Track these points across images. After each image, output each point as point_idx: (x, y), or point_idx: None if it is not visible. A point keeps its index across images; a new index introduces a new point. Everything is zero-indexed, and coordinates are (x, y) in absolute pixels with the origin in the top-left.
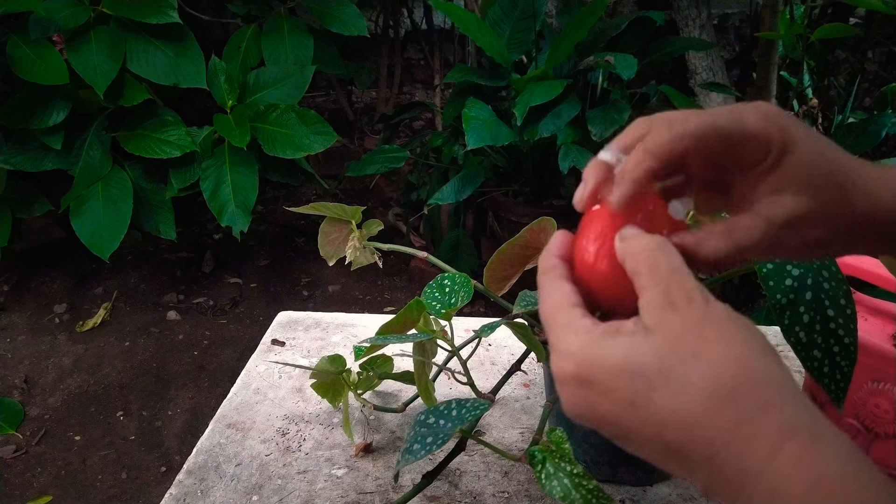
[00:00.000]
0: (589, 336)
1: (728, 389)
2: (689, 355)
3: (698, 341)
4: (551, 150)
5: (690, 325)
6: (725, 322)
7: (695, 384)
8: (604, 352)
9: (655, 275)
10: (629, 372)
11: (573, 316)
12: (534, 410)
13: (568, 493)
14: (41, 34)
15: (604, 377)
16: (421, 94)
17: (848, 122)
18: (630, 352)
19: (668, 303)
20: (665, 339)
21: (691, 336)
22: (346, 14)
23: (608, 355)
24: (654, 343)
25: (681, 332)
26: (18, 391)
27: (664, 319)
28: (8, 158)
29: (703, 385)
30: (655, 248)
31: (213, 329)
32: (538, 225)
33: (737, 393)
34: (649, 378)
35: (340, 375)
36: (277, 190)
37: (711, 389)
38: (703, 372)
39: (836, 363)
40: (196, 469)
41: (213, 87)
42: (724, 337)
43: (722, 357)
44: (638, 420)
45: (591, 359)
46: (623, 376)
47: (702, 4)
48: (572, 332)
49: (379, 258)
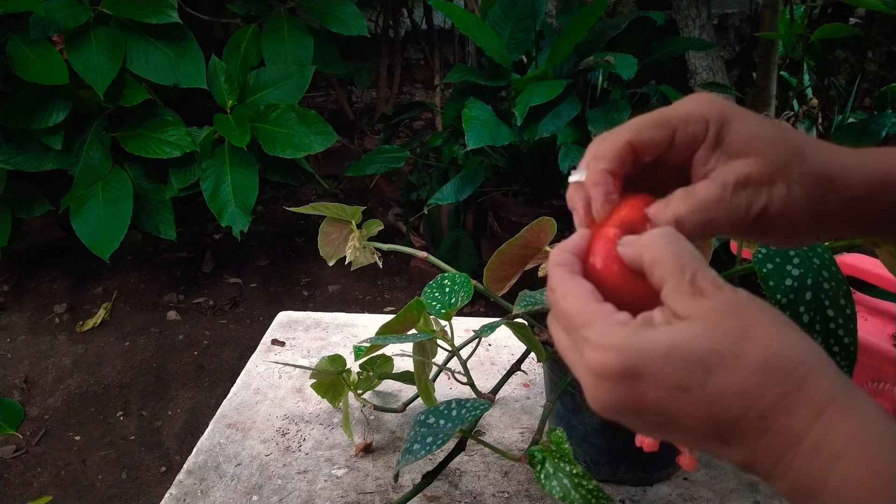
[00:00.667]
0: (627, 328)
1: (779, 361)
2: (738, 336)
3: (741, 323)
4: (551, 150)
5: (727, 310)
6: (756, 304)
7: (749, 362)
8: (649, 342)
9: (679, 263)
10: (680, 358)
11: (605, 310)
12: (534, 410)
13: (568, 493)
14: (41, 34)
15: (653, 366)
16: (421, 94)
17: (848, 122)
18: (677, 338)
19: (696, 290)
20: (707, 323)
21: (732, 319)
22: (346, 14)
23: (655, 345)
24: (698, 328)
25: (720, 316)
26: (18, 391)
27: (697, 306)
28: (8, 158)
29: (757, 362)
30: (671, 237)
31: (213, 329)
32: (538, 225)
33: (786, 366)
34: (703, 360)
35: (340, 375)
36: (277, 190)
37: (764, 365)
38: (754, 350)
39: (836, 363)
40: (196, 469)
41: (213, 87)
42: (761, 316)
43: (767, 333)
44: (688, 403)
45: (637, 349)
46: (674, 363)
47: (702, 4)
48: (609, 326)
49: (379, 258)
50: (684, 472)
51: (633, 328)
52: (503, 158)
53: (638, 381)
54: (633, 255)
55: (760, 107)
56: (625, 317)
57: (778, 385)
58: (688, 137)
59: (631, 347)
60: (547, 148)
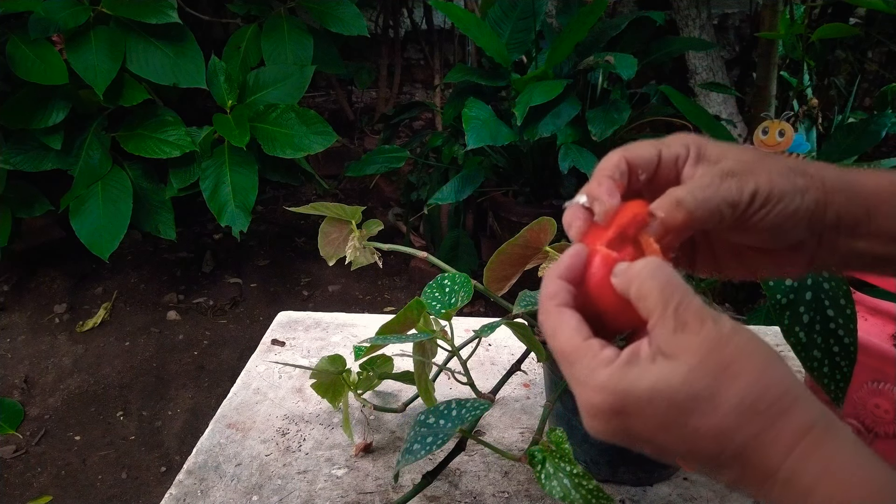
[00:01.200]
0: (613, 368)
1: (752, 403)
2: (714, 377)
3: (719, 362)
4: (551, 150)
5: (708, 347)
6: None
7: (723, 403)
8: (633, 383)
9: (661, 298)
10: (660, 400)
11: (592, 349)
12: (534, 410)
13: (568, 493)
14: (41, 34)
15: (636, 406)
16: (421, 94)
17: (848, 122)
18: (658, 381)
19: (679, 325)
20: (688, 363)
21: (712, 357)
22: (346, 14)
23: (637, 386)
24: (679, 369)
25: (702, 354)
26: (18, 391)
27: (681, 343)
28: (8, 158)
29: (731, 403)
30: (656, 269)
31: (213, 329)
32: (538, 225)
33: (760, 405)
34: (681, 404)
35: (340, 375)
36: (277, 190)
37: (739, 406)
38: (729, 391)
39: (835, 363)
40: (196, 469)
41: (213, 87)
42: (740, 353)
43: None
44: (671, 439)
45: (622, 390)
46: (655, 404)
47: (702, 4)
48: (596, 365)
49: (379, 258)
50: (684, 472)
51: (617, 368)
52: (503, 158)
53: (625, 417)
54: (622, 287)
55: (760, 107)
56: (611, 353)
57: (750, 425)
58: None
59: (616, 389)
60: (547, 148)
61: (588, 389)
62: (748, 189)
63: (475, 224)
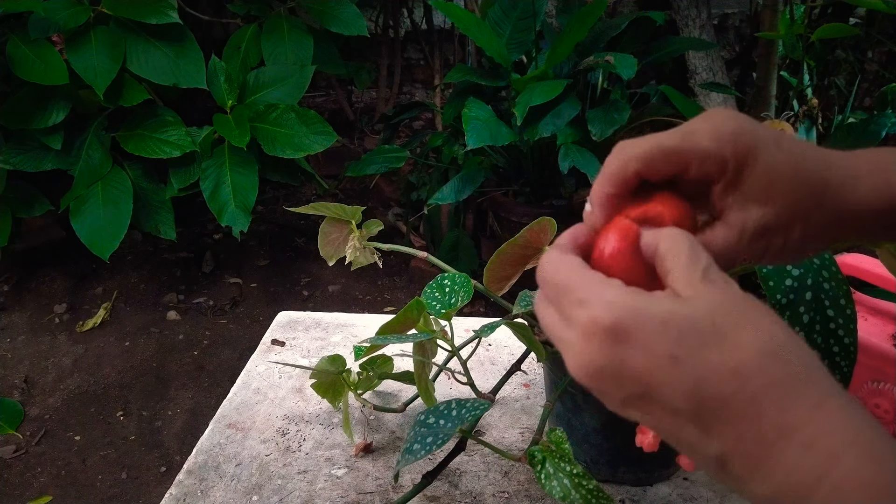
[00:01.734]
0: (625, 289)
1: (781, 348)
2: (741, 320)
3: (745, 312)
4: (551, 150)
5: (735, 299)
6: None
7: (750, 342)
8: (647, 305)
9: (695, 256)
10: (676, 326)
11: (598, 276)
12: (534, 410)
13: (568, 493)
14: (41, 34)
15: (647, 328)
16: (421, 94)
17: (848, 122)
18: (679, 308)
19: (707, 279)
20: (712, 305)
21: (738, 307)
22: (346, 14)
23: (653, 308)
24: (703, 305)
25: (727, 302)
26: (18, 391)
27: (706, 291)
28: (8, 158)
29: (758, 343)
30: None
31: (213, 329)
32: (538, 225)
33: (788, 353)
34: (702, 333)
35: (340, 375)
36: (277, 190)
37: (764, 350)
38: (756, 335)
39: (836, 363)
40: (196, 469)
41: (213, 87)
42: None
43: (771, 326)
44: (675, 374)
45: (634, 309)
46: (670, 329)
47: (702, 4)
48: (605, 285)
49: (379, 258)
50: (684, 472)
51: (631, 290)
52: (503, 158)
53: (626, 342)
54: (649, 241)
55: (760, 107)
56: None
57: (775, 370)
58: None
59: (627, 305)
60: (547, 148)
61: (594, 306)
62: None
63: (475, 224)
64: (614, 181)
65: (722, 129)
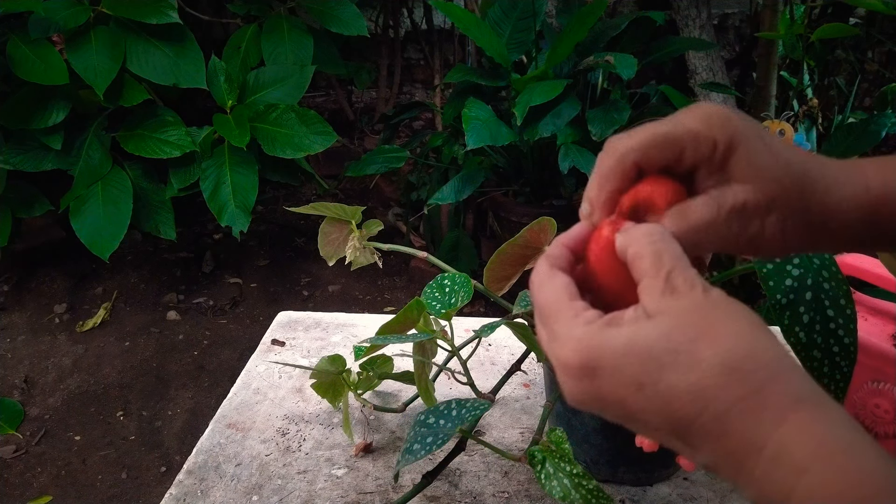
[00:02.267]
0: (592, 326)
1: (738, 363)
2: (698, 335)
3: (704, 322)
4: (551, 150)
5: (695, 309)
6: (727, 305)
7: (706, 360)
8: (608, 339)
9: (657, 260)
10: (636, 354)
11: (575, 308)
12: (534, 410)
13: (568, 493)
14: (41, 34)
15: (609, 362)
16: (421, 94)
17: (848, 122)
18: (635, 335)
19: (669, 289)
20: (671, 321)
21: (697, 318)
22: (346, 14)
23: (613, 342)
24: (660, 326)
25: (686, 315)
26: (18, 391)
27: (667, 304)
28: (8, 158)
29: (714, 361)
30: (657, 235)
31: (213, 329)
32: (538, 225)
33: (746, 367)
34: (658, 357)
35: (340, 375)
36: (277, 190)
37: (722, 364)
38: (713, 349)
39: (835, 363)
40: (196, 469)
41: (213, 87)
42: (728, 317)
43: (730, 334)
44: (644, 400)
45: (596, 345)
46: (630, 359)
47: (702, 4)
48: (575, 322)
49: (379, 258)
50: (684, 472)
51: (597, 326)
52: (503, 158)
53: (597, 377)
54: (621, 247)
55: (760, 107)
56: (593, 315)
57: (734, 387)
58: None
59: (590, 344)
60: (547, 148)
61: (563, 346)
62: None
63: (475, 224)
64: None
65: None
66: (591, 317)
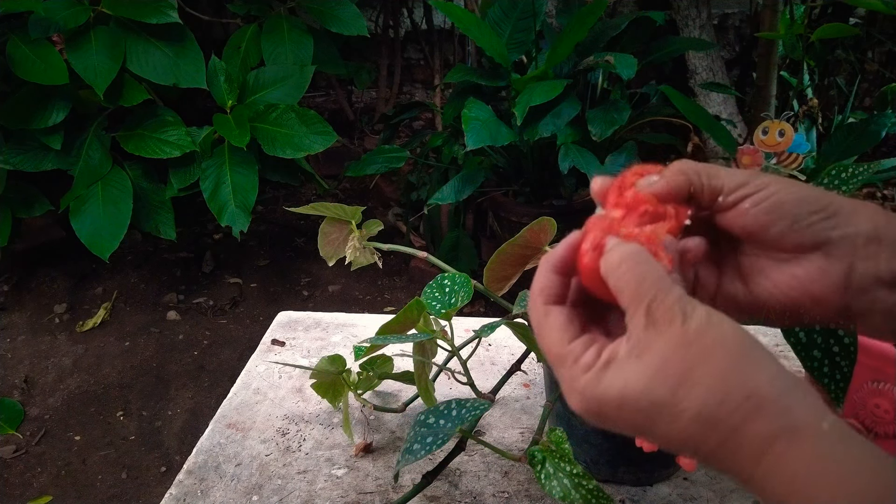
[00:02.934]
0: (590, 375)
1: (712, 411)
2: (677, 383)
3: (682, 365)
4: (551, 150)
5: (673, 348)
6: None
7: (684, 413)
8: (605, 390)
9: (636, 292)
10: (627, 407)
11: (573, 354)
12: (534, 410)
13: (568, 492)
14: (41, 34)
15: (611, 412)
16: (421, 94)
17: (848, 122)
18: (624, 386)
19: (650, 323)
20: (651, 366)
21: (674, 360)
22: (346, 14)
23: (608, 393)
24: (643, 374)
25: (665, 356)
26: (18, 391)
27: (649, 342)
28: (8, 158)
29: (691, 413)
30: (633, 261)
31: (213, 329)
32: (538, 225)
33: (720, 413)
34: (645, 411)
35: (340, 375)
36: (277, 190)
37: (699, 415)
38: (689, 400)
39: (836, 363)
40: (196, 469)
41: (213, 87)
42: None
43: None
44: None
45: (596, 397)
46: (624, 412)
47: (702, 4)
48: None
49: (379, 258)
50: (684, 472)
51: (594, 374)
52: (503, 158)
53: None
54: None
55: (760, 107)
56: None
57: (712, 435)
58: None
59: (592, 396)
60: (547, 148)
61: (570, 393)
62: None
63: (475, 224)
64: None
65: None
66: (589, 360)
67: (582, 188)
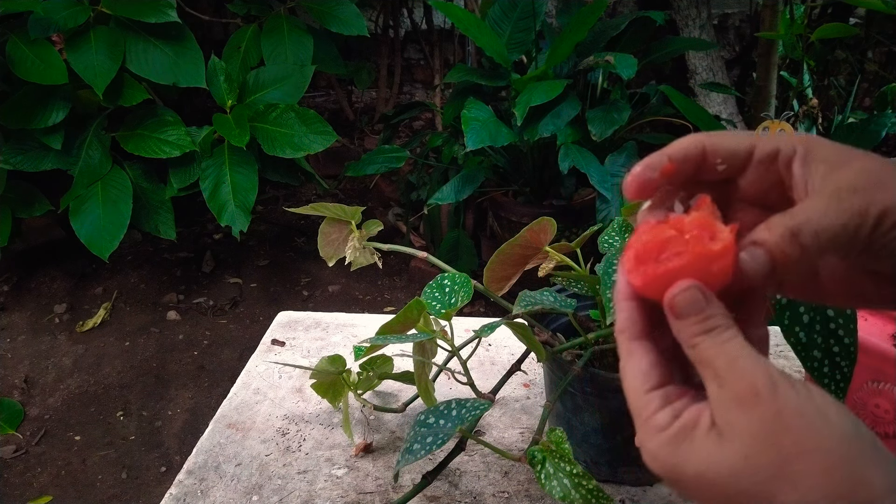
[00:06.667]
0: (663, 439)
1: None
2: (769, 474)
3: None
4: (551, 150)
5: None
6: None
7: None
8: (681, 463)
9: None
10: (708, 485)
11: (649, 408)
12: (534, 410)
13: (568, 492)
14: (41, 34)
15: (687, 486)
16: (421, 94)
17: (848, 122)
18: (708, 467)
19: (737, 400)
20: (740, 451)
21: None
22: (346, 14)
23: (686, 470)
24: (730, 457)
25: (757, 439)
26: (18, 391)
27: (736, 421)
28: (8, 158)
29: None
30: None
31: (213, 329)
32: (538, 225)
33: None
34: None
35: (340, 375)
36: (277, 190)
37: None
38: (785, 494)
39: (836, 363)
40: (196, 469)
41: (213, 87)
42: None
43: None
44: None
45: (671, 465)
46: (702, 488)
47: (702, 4)
48: (649, 429)
49: (379, 258)
50: None
51: (667, 440)
52: (503, 158)
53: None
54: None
55: (760, 107)
56: (665, 419)
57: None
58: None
59: (666, 463)
60: (547, 148)
61: (643, 447)
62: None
63: (475, 224)
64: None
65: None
66: (662, 422)
67: (582, 188)
